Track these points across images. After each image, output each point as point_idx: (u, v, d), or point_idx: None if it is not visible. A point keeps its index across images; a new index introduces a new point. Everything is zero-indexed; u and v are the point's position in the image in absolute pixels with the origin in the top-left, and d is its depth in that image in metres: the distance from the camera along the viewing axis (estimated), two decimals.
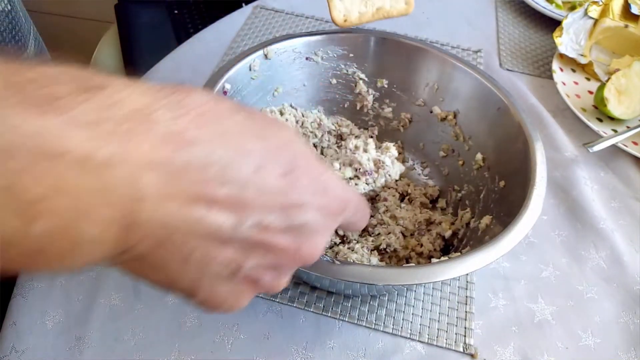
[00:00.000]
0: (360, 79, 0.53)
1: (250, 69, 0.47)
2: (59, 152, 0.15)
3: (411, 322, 0.42)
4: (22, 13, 0.54)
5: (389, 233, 0.45)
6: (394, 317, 0.42)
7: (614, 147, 0.57)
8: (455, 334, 0.41)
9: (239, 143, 0.19)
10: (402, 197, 0.51)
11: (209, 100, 0.19)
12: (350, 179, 0.46)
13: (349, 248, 0.44)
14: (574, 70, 0.68)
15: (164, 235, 0.17)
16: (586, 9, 0.71)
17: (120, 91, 0.17)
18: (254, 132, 0.20)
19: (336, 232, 0.45)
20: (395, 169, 0.37)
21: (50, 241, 0.15)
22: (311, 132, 0.52)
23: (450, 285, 0.45)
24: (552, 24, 0.75)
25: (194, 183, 0.17)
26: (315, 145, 0.53)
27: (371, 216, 0.48)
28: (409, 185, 0.51)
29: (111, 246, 0.17)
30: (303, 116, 0.52)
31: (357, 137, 0.55)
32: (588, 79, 0.67)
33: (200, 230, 0.18)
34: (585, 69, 0.68)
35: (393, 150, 0.46)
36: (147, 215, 0.17)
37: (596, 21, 0.70)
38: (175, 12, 1.06)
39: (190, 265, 0.19)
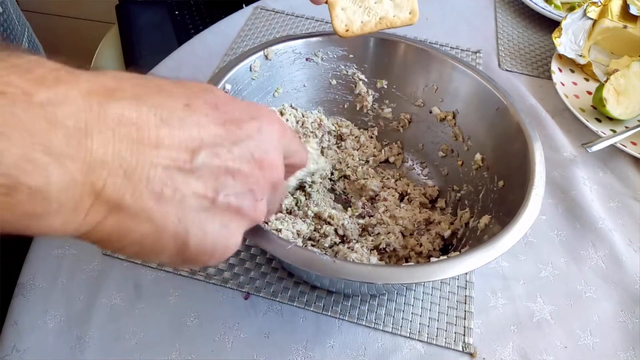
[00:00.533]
0: (360, 79, 0.53)
1: (250, 70, 0.47)
2: (2, 91, 0.16)
3: (411, 321, 0.42)
4: (15, 16, 0.54)
5: (389, 233, 0.45)
6: (393, 316, 0.42)
7: (613, 147, 0.57)
8: (455, 333, 0.42)
9: (162, 89, 0.21)
10: (401, 197, 0.51)
11: (121, 71, 0.21)
12: None
13: (348, 247, 0.44)
14: (572, 71, 0.68)
15: (126, 171, 0.18)
16: (585, 10, 0.71)
17: (38, 59, 0.18)
18: (172, 84, 0.22)
19: (336, 232, 0.45)
20: (320, 161, 0.37)
21: (18, 174, 0.16)
22: (311, 132, 0.52)
23: (449, 284, 0.45)
24: (551, 25, 0.75)
25: (133, 128, 0.19)
26: None
27: (371, 216, 0.48)
28: (408, 185, 0.52)
29: (83, 190, 0.18)
30: (303, 116, 0.52)
31: (356, 136, 0.55)
32: (587, 80, 0.68)
33: (159, 165, 0.19)
34: (584, 70, 0.69)
35: (312, 144, 0.47)
36: (102, 151, 0.18)
37: (595, 22, 0.71)
38: (176, 12, 1.07)
39: (166, 203, 0.20)
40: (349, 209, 0.48)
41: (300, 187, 0.49)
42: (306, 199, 0.49)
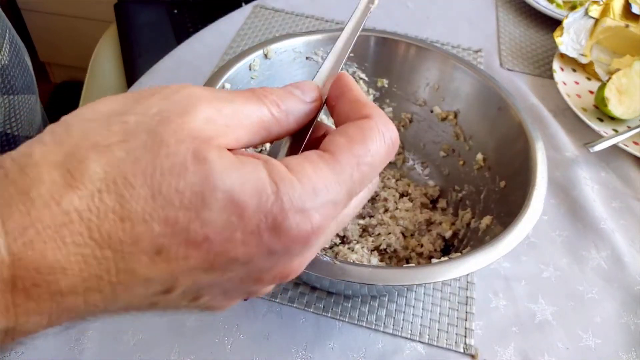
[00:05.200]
0: (361, 78, 0.53)
1: (250, 69, 0.47)
2: None
3: (411, 322, 0.42)
4: None
5: (389, 233, 0.45)
6: (394, 318, 0.42)
7: (615, 147, 0.57)
8: (456, 334, 0.41)
9: (124, 215, 0.16)
10: (402, 197, 0.51)
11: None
12: None
13: (348, 248, 0.44)
14: (574, 70, 0.68)
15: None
16: (587, 9, 0.71)
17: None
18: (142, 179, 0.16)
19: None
20: None
21: None
22: None
23: (450, 285, 0.45)
24: (552, 24, 0.75)
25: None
26: None
27: (371, 216, 0.48)
28: (409, 185, 0.51)
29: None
30: None
31: None
32: (589, 79, 0.67)
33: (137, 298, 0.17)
34: (586, 69, 0.68)
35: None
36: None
37: (597, 21, 0.70)
38: (175, 11, 1.06)
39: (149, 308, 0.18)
40: None
41: None
42: None
